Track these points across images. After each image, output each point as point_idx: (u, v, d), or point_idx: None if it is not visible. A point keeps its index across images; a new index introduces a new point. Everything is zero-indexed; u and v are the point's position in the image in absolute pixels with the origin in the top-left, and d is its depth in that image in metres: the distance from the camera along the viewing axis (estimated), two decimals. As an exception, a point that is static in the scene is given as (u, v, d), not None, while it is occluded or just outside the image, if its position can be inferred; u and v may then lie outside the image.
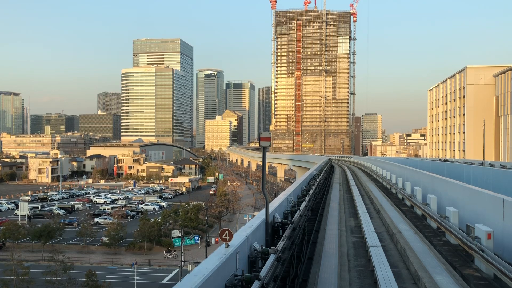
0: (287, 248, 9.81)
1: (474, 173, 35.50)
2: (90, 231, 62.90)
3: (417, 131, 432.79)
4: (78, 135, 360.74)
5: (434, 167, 49.22)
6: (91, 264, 55.54)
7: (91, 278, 41.75)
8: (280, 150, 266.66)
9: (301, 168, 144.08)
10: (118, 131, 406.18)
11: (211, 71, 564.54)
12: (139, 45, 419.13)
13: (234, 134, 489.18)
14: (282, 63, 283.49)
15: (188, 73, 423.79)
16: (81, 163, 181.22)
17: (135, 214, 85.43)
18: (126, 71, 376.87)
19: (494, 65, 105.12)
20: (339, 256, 13.90)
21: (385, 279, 10.50)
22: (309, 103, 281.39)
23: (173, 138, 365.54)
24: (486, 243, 11.78)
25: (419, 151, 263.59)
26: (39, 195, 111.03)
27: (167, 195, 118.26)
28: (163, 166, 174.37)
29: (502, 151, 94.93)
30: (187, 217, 69.21)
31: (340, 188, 36.68)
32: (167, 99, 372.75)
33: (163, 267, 55.74)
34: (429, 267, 11.97)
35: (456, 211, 15.55)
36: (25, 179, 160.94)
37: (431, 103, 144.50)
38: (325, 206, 24.92)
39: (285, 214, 13.27)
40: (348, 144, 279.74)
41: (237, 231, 8.75)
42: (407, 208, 23.45)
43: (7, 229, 60.36)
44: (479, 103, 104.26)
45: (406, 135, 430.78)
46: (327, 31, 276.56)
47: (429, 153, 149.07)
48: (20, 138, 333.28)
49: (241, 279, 7.03)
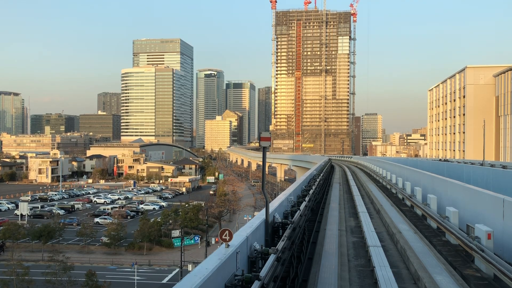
0: (287, 248, 9.80)
1: (474, 173, 35.48)
2: (90, 231, 62.88)
3: (417, 131, 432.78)
4: (78, 135, 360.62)
5: (434, 167, 49.20)
6: (91, 264, 55.54)
7: (91, 278, 41.75)
8: (280, 150, 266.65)
9: (301, 168, 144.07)
10: (118, 131, 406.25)
11: (211, 71, 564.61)
12: (139, 45, 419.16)
13: (234, 134, 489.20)
14: (282, 63, 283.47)
15: (188, 73, 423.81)
16: (81, 163, 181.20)
17: (135, 214, 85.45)
18: (126, 71, 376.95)
19: (494, 65, 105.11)
20: (339, 256, 13.90)
21: (385, 279, 10.50)
22: (309, 103, 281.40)
23: (173, 138, 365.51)
24: (486, 243, 11.78)
25: (419, 151, 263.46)
26: (39, 195, 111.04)
27: (167, 195, 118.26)
28: (163, 166, 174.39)
29: (502, 151, 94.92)
30: (187, 217, 69.20)
31: (340, 188, 36.67)
32: (167, 99, 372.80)
33: (163, 267, 55.73)
34: (429, 267, 11.97)
35: (456, 211, 15.55)
36: (25, 179, 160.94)
37: (431, 103, 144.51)
38: (325, 206, 24.92)
39: (285, 214, 13.27)
40: (348, 144, 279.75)
41: (237, 231, 8.74)
42: (407, 208, 23.45)
43: (7, 229, 60.35)
44: (479, 103, 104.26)
45: (406, 135, 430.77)
46: (327, 31, 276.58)
47: (429, 153, 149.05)
48: (20, 138, 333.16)
49: (241, 279, 7.04)
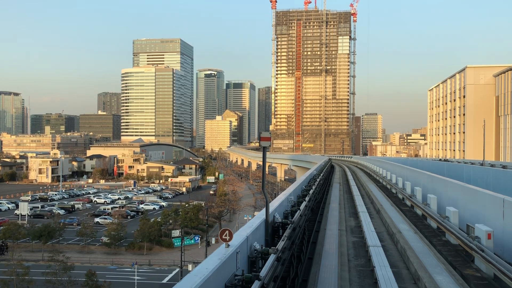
0: (287, 248, 9.80)
1: (474, 173, 35.49)
2: (90, 231, 62.90)
3: (417, 131, 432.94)
4: (78, 135, 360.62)
5: (434, 167, 49.20)
6: (91, 264, 55.54)
7: (91, 278, 41.75)
8: (280, 150, 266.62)
9: (301, 168, 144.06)
10: (118, 131, 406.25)
11: (211, 71, 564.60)
12: (139, 45, 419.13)
13: (234, 134, 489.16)
14: (282, 63, 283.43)
15: (188, 73, 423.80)
16: (81, 163, 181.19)
17: (135, 214, 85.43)
18: (126, 71, 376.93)
19: (494, 65, 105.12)
20: (339, 256, 13.90)
21: (385, 279, 10.50)
22: (309, 103, 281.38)
23: (173, 138, 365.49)
24: (486, 243, 11.78)
25: (419, 151, 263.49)
26: (39, 195, 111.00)
27: (167, 195, 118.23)
28: (163, 166, 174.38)
29: (502, 151, 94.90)
30: (187, 217, 69.20)
31: (340, 188, 36.65)
32: (167, 99, 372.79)
33: (163, 267, 55.74)
34: (429, 267, 11.96)
35: (456, 211, 15.54)
36: (25, 179, 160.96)
37: (431, 103, 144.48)
38: (325, 206, 24.91)
39: (285, 214, 13.27)
40: (348, 144, 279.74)
41: (237, 231, 8.74)
42: (407, 208, 23.44)
43: (7, 229, 60.36)
44: (479, 103, 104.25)
45: (406, 135, 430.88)
46: (327, 31, 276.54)
47: (429, 153, 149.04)
48: (20, 138, 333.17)
49: (241, 279, 7.04)
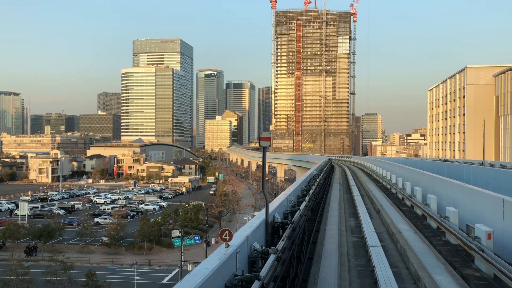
0: (287, 248, 9.80)
1: (474, 173, 35.48)
2: (90, 231, 62.86)
3: (417, 131, 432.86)
4: (78, 135, 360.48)
5: (434, 167, 49.19)
6: (91, 264, 55.54)
7: (91, 278, 41.75)
8: (280, 150, 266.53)
9: (301, 168, 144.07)
10: (118, 131, 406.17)
11: (211, 71, 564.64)
12: (139, 45, 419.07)
13: (234, 134, 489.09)
14: (282, 63, 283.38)
15: (188, 73, 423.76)
16: (81, 163, 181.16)
17: (135, 214, 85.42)
18: (126, 71, 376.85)
19: (494, 65, 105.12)
20: (339, 256, 13.90)
21: (385, 279, 10.50)
22: (309, 103, 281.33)
23: (173, 138, 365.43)
24: (486, 243, 11.78)
25: (419, 151, 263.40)
26: (39, 195, 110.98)
27: (167, 195, 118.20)
28: (163, 166, 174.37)
29: (502, 151, 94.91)
30: (187, 217, 69.21)
31: (340, 188, 36.65)
32: (167, 99, 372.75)
33: (163, 267, 55.74)
34: (429, 267, 11.96)
35: (456, 211, 15.55)
36: (25, 179, 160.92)
37: (431, 103, 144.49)
38: (325, 206, 24.91)
39: (285, 214, 13.25)
40: (348, 144, 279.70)
41: (237, 231, 8.73)
42: (407, 208, 23.44)
43: (7, 229, 60.37)
44: (479, 103, 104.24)
45: (406, 135, 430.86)
46: (327, 31, 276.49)
47: (429, 153, 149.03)
48: (20, 138, 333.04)
49: (241, 279, 7.03)
